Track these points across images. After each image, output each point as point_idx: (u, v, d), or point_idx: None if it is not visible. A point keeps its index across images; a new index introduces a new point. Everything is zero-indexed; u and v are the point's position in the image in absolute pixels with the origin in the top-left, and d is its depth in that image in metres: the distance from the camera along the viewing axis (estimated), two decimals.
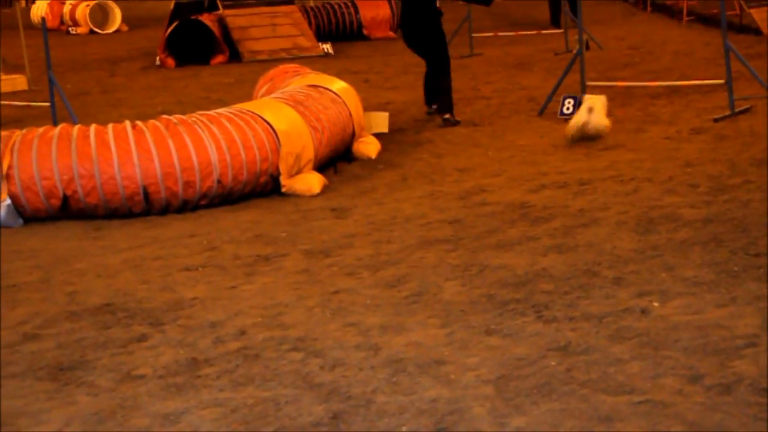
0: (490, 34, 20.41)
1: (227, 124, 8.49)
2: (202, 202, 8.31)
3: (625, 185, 8.04)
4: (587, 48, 14.77)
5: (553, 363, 4.57)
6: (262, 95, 10.70)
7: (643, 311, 5.17)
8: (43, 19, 12.20)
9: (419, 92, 12.63)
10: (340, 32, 22.30)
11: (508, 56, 17.77)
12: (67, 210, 8.12)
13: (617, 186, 8.04)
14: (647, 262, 5.99)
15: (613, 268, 5.91)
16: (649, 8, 25.37)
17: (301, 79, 10.43)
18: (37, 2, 29.40)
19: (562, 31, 18.40)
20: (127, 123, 8.42)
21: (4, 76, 16.53)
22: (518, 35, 20.51)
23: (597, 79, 13.09)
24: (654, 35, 19.38)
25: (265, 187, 8.62)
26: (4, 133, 8.44)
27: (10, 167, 8.01)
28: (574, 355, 4.66)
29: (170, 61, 19.10)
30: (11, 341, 5.32)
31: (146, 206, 8.17)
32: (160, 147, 8.16)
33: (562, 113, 11.19)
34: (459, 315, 5.31)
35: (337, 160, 9.68)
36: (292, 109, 9.07)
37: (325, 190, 8.70)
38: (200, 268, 6.54)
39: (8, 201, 7.95)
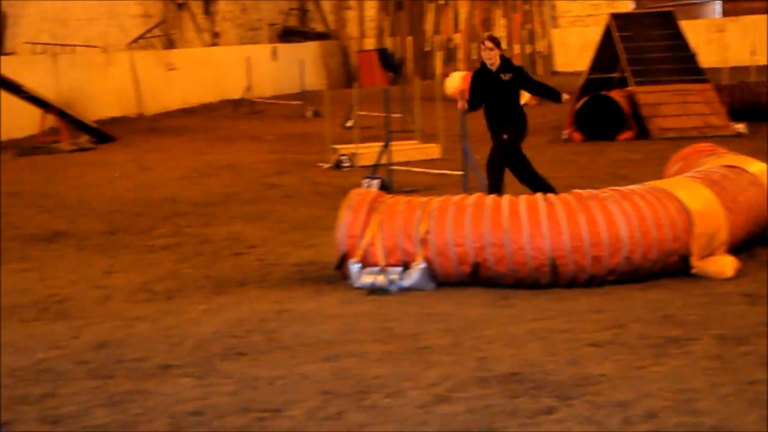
0: None
1: (639, 201, 8.39)
2: (609, 278, 8.24)
3: None
4: None
5: None
6: (674, 174, 10.48)
7: None
8: (461, 92, 12.68)
9: None
10: (755, 112, 21.46)
11: None
12: (477, 277, 8.33)
13: None
14: None
15: None
16: None
17: (716, 159, 10.12)
18: (451, 75, 30.69)
19: None
20: (539, 195, 8.53)
21: (420, 145, 17.36)
22: None
23: None
24: None
25: (673, 267, 8.41)
26: (422, 199, 8.83)
27: (427, 232, 8.34)
28: None
29: (577, 136, 19.25)
30: (424, 401, 5.49)
31: (553, 278, 8.22)
32: (570, 220, 8.20)
33: None
34: None
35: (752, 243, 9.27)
36: (707, 188, 8.81)
37: (738, 274, 8.35)
38: (607, 345, 6.45)
39: (423, 264, 8.28)
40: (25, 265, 9.96)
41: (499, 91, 10.94)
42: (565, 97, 11.35)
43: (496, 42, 11.02)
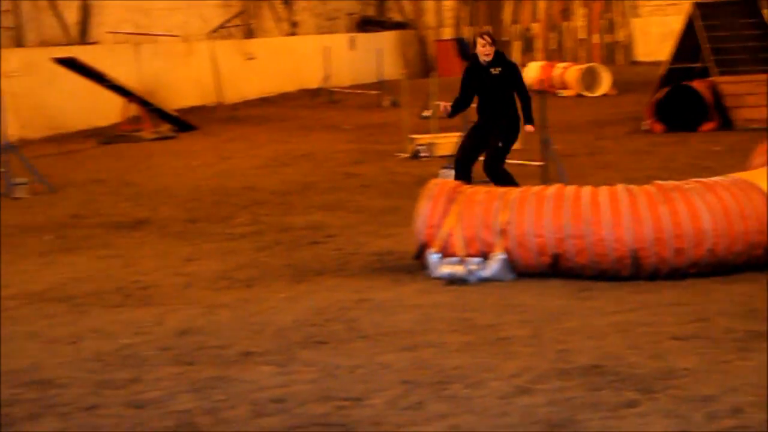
0: None
1: (723, 193, 8.26)
2: (691, 270, 8.13)
3: None
4: None
5: None
6: (758, 166, 10.29)
7: None
8: (541, 82, 12.63)
9: None
10: None
11: None
12: (556, 268, 8.27)
13: None
14: None
15: None
16: None
17: None
18: (529, 65, 30.51)
19: None
20: (621, 186, 8.45)
21: None
22: None
23: None
24: None
25: (758, 260, 8.27)
26: (501, 189, 8.79)
27: (506, 222, 8.31)
28: None
29: (658, 127, 18.99)
30: (505, 392, 5.48)
31: (634, 270, 8.13)
32: (652, 211, 8.10)
33: None
34: None
35: None
36: None
37: None
38: (691, 339, 6.37)
39: (503, 255, 8.24)
40: (109, 252, 10.12)
41: (489, 84, 10.94)
42: (528, 128, 11.26)
43: (493, 38, 11.13)
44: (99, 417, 5.40)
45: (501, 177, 10.78)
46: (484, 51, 10.94)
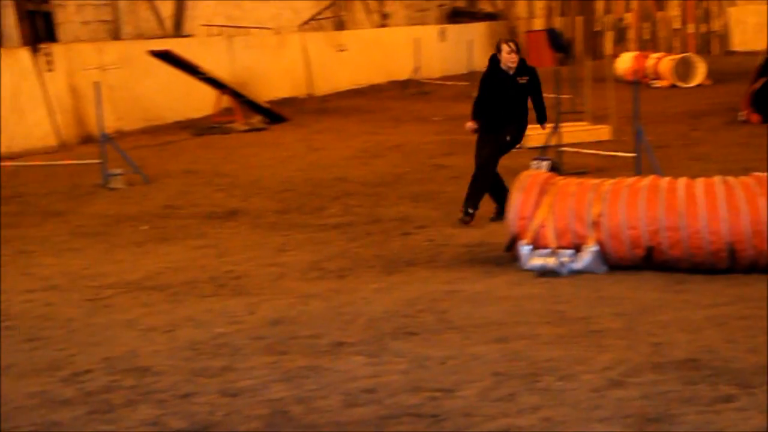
0: None
1: None
2: None
3: None
4: None
5: None
6: None
7: None
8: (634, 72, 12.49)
9: None
10: None
11: None
12: (650, 261, 8.16)
13: None
14: None
15: None
16: None
17: None
18: (622, 55, 30.13)
19: None
20: (717, 178, 8.30)
21: (590, 126, 17.11)
22: None
23: None
24: None
25: None
26: (594, 181, 8.70)
27: (599, 214, 8.22)
28: None
29: (755, 117, 18.60)
30: (597, 385, 5.43)
31: (730, 263, 7.98)
32: (750, 204, 7.95)
33: None
34: None
35: None
36: None
37: None
38: None
39: (596, 247, 8.16)
40: (203, 242, 10.26)
41: (514, 95, 10.69)
42: (547, 126, 11.38)
43: (518, 46, 10.87)
44: (194, 405, 5.48)
45: (486, 171, 10.65)
46: (509, 59, 10.68)
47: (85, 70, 19.90)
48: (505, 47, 10.76)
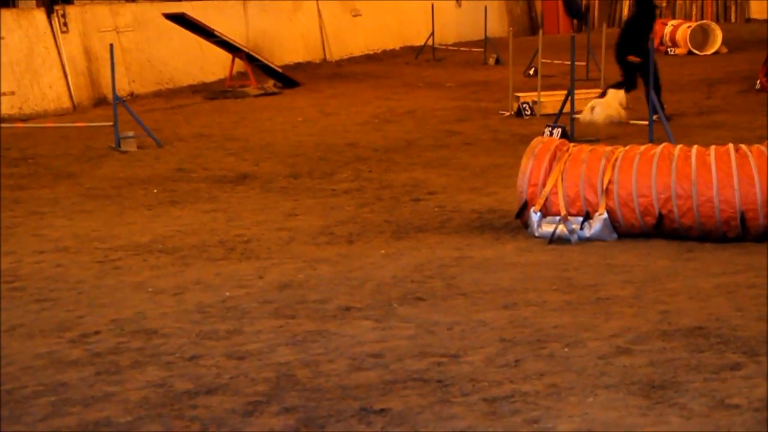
0: None
1: None
2: None
3: None
4: None
5: None
6: None
7: None
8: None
9: None
10: None
11: None
12: (661, 229, 8.13)
13: None
14: None
15: None
16: None
17: None
18: None
19: None
20: (730, 146, 8.24)
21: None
22: None
23: None
24: None
25: None
26: (606, 148, 8.65)
27: (610, 182, 8.18)
28: None
29: None
30: (604, 353, 5.42)
31: (741, 232, 7.95)
32: (762, 172, 7.90)
33: None
34: None
35: None
36: None
37: None
38: None
39: (605, 215, 8.13)
40: (214, 206, 10.26)
41: None
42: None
43: None
44: (201, 367, 5.49)
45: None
46: None
47: (100, 32, 19.85)
48: None
